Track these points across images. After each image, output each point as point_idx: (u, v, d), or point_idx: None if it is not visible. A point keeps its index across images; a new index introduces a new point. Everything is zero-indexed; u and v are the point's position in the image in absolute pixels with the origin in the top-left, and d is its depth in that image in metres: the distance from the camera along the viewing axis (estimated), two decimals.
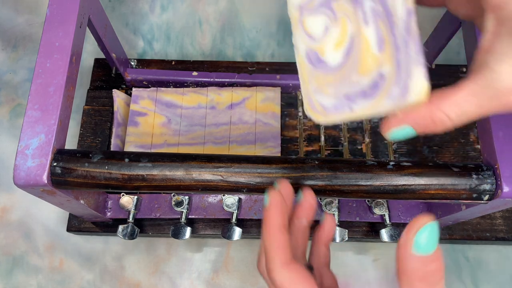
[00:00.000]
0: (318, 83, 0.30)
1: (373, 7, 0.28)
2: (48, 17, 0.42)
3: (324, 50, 0.30)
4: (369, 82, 0.29)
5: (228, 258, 0.59)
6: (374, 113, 0.29)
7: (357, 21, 0.28)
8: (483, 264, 0.58)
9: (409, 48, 0.27)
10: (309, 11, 0.29)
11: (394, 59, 0.28)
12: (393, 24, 0.27)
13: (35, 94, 0.40)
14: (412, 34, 0.27)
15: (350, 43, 0.29)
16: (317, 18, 0.29)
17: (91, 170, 0.39)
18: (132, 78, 0.60)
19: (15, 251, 0.59)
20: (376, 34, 0.28)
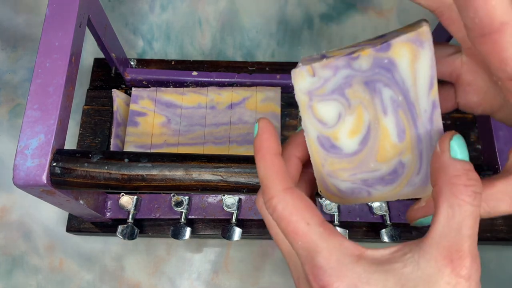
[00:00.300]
0: (333, 168, 0.28)
1: (393, 97, 0.25)
2: (48, 17, 0.42)
3: (338, 136, 0.27)
4: (388, 170, 0.27)
5: (228, 259, 0.59)
6: (392, 198, 0.28)
7: (374, 109, 0.26)
8: (483, 265, 0.58)
9: (432, 140, 0.26)
10: (319, 97, 0.26)
11: (416, 149, 0.26)
12: (415, 115, 0.25)
13: (34, 94, 0.40)
14: (436, 125, 0.26)
15: (366, 131, 0.27)
16: (329, 105, 0.26)
17: (91, 170, 0.39)
18: (131, 78, 0.60)
19: (15, 251, 0.59)
20: (396, 124, 0.26)
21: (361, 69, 0.25)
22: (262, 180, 0.26)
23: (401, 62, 0.25)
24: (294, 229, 0.24)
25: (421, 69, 0.24)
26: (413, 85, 0.25)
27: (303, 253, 0.24)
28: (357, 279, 0.23)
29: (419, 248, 0.23)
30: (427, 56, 0.24)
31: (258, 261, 0.58)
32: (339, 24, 0.70)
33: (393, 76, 0.25)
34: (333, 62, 0.25)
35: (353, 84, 0.26)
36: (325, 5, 0.72)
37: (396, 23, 0.70)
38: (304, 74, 0.26)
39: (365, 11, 0.71)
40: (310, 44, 0.69)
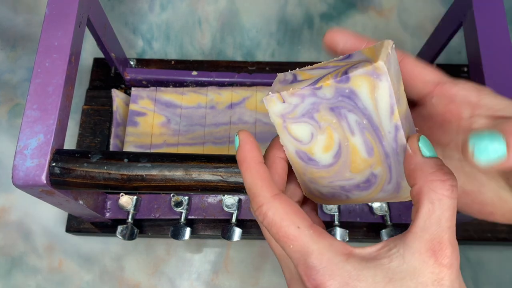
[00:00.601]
0: (313, 176, 0.30)
1: (358, 121, 0.27)
2: (47, 17, 0.42)
3: (313, 152, 0.29)
4: (362, 179, 0.29)
5: (228, 259, 0.59)
6: (369, 201, 0.31)
7: (342, 131, 0.28)
8: (484, 265, 0.58)
9: (399, 156, 0.28)
10: (292, 119, 0.28)
11: (384, 163, 0.28)
12: (381, 136, 0.27)
13: (34, 94, 0.40)
14: (401, 143, 0.27)
15: (338, 148, 0.29)
16: (302, 126, 0.28)
17: (90, 170, 0.38)
18: (131, 78, 0.60)
19: (14, 251, 0.59)
20: (364, 143, 0.28)
21: (326, 97, 0.27)
22: (249, 189, 0.27)
23: (361, 92, 0.26)
24: (285, 234, 0.26)
25: (380, 98, 0.26)
26: (375, 111, 0.26)
27: (295, 256, 0.25)
28: (348, 277, 0.24)
29: (403, 243, 0.25)
30: (385, 86, 0.26)
31: (258, 261, 0.58)
32: (339, 23, 0.70)
33: (355, 103, 0.27)
34: (300, 91, 0.27)
35: (320, 109, 0.27)
36: (326, 4, 0.72)
37: (396, 22, 0.70)
38: (275, 101, 0.28)
39: (366, 11, 0.71)
40: (310, 44, 0.69)
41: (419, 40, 0.68)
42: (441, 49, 0.54)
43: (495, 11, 0.44)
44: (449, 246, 0.24)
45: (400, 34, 0.70)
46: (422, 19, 0.71)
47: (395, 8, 0.71)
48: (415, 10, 0.71)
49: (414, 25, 0.70)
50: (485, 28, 0.44)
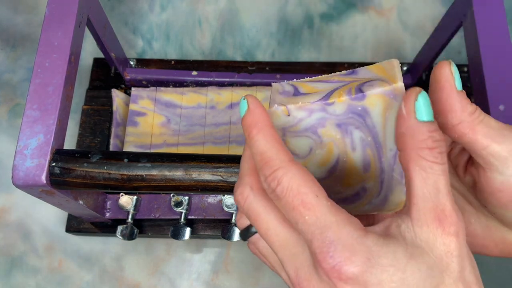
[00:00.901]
0: None
1: (362, 137, 0.27)
2: (47, 17, 0.42)
3: (308, 165, 0.28)
4: (351, 193, 0.29)
5: (228, 259, 0.59)
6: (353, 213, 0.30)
7: (344, 146, 0.27)
8: (484, 265, 0.58)
9: (394, 172, 0.28)
10: (293, 133, 0.27)
11: (378, 178, 0.28)
12: (382, 153, 0.27)
13: (34, 94, 0.40)
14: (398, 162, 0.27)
15: (335, 163, 0.28)
16: (302, 140, 0.28)
17: (90, 170, 0.38)
18: (131, 78, 0.60)
19: (14, 251, 0.59)
20: (363, 159, 0.28)
21: (335, 113, 0.26)
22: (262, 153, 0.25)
23: (374, 110, 0.26)
24: (302, 202, 0.23)
25: (391, 116, 0.26)
26: (382, 129, 0.26)
27: (310, 229, 0.23)
28: (369, 253, 0.23)
29: (409, 217, 0.24)
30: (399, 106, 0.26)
31: (258, 262, 0.58)
32: (339, 23, 0.70)
33: (365, 121, 0.26)
34: (309, 105, 0.26)
35: (326, 124, 0.27)
36: (326, 4, 0.72)
37: (396, 22, 0.70)
38: (280, 114, 0.27)
39: (366, 11, 0.71)
40: (310, 44, 0.69)
41: (419, 40, 0.68)
42: (441, 49, 0.54)
43: (495, 11, 0.44)
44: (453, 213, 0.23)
45: (400, 34, 0.70)
46: (422, 19, 0.71)
47: (395, 8, 0.71)
48: (415, 10, 0.71)
49: (414, 25, 0.70)
50: (485, 28, 0.44)
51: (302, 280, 0.24)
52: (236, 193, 0.26)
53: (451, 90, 0.25)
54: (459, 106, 0.25)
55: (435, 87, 0.26)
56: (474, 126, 0.25)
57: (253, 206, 0.26)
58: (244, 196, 0.26)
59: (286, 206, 0.24)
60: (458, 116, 0.25)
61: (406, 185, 0.25)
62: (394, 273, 0.22)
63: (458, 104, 0.25)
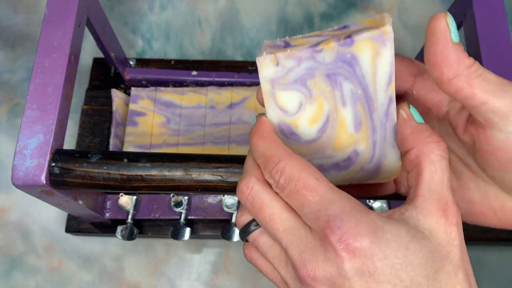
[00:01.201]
0: None
1: (352, 90, 0.27)
2: (47, 16, 0.42)
3: (298, 124, 0.28)
4: (343, 157, 0.29)
5: (228, 259, 0.59)
6: (345, 182, 0.30)
7: (334, 100, 0.27)
8: (484, 265, 0.58)
9: (386, 132, 0.28)
10: (282, 86, 0.27)
11: (370, 139, 0.28)
12: (373, 108, 0.27)
13: (33, 93, 0.40)
14: (391, 119, 0.27)
15: (325, 121, 0.28)
16: (291, 94, 0.27)
17: (90, 170, 0.38)
18: (131, 78, 0.60)
19: (14, 251, 0.58)
20: (354, 116, 0.27)
21: (324, 61, 0.26)
22: (264, 153, 0.26)
23: (363, 58, 0.25)
24: (304, 185, 0.25)
25: (381, 66, 0.26)
26: (373, 80, 0.26)
27: (314, 208, 0.24)
28: (374, 225, 0.23)
29: (414, 207, 0.25)
30: (388, 54, 0.25)
31: None
32: (339, 23, 0.70)
33: (354, 70, 0.26)
34: (297, 53, 0.26)
35: (316, 75, 0.27)
36: (326, 4, 0.72)
37: (396, 22, 0.70)
38: (268, 63, 0.27)
39: (366, 10, 0.71)
40: None
41: (419, 40, 0.68)
42: None
43: (495, 11, 0.44)
44: (455, 205, 0.25)
45: (400, 34, 0.70)
46: (422, 19, 0.70)
47: (395, 8, 0.71)
48: (415, 10, 0.71)
49: (414, 25, 0.70)
50: (485, 28, 0.44)
51: (307, 262, 0.24)
52: (241, 185, 0.27)
53: (446, 42, 0.25)
54: (455, 58, 0.25)
55: (430, 40, 0.25)
56: (471, 80, 0.25)
57: (258, 195, 0.27)
58: (249, 186, 0.27)
59: (291, 193, 0.25)
60: (454, 69, 0.25)
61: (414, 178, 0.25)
62: (398, 248, 0.23)
63: (454, 57, 0.25)
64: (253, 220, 0.28)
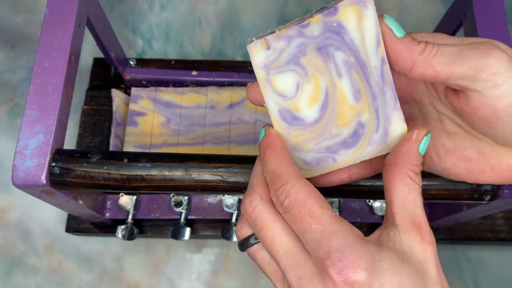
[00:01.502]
0: (296, 140, 0.29)
1: (345, 59, 0.27)
2: (47, 16, 0.42)
3: (298, 107, 0.28)
4: (349, 132, 0.29)
5: (228, 259, 0.59)
6: (356, 161, 0.30)
7: (329, 74, 0.27)
8: (484, 265, 0.58)
9: (385, 95, 0.28)
10: (276, 69, 0.27)
11: (372, 107, 0.28)
12: (368, 73, 0.27)
13: (33, 93, 0.40)
14: (387, 81, 0.27)
15: (325, 97, 0.28)
16: (287, 76, 0.28)
17: (90, 170, 0.38)
18: (131, 78, 0.60)
19: (14, 251, 0.58)
20: (351, 85, 0.28)
21: (313, 35, 0.27)
22: (273, 170, 0.27)
23: (348, 24, 0.26)
24: (309, 212, 0.25)
25: (367, 28, 0.26)
26: (362, 45, 0.27)
27: (316, 237, 0.25)
28: (372, 257, 0.24)
29: (394, 225, 0.26)
30: (371, 15, 0.26)
31: None
32: None
33: (343, 38, 0.27)
34: (286, 32, 0.27)
35: (307, 51, 0.27)
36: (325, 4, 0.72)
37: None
38: (259, 48, 0.27)
39: None
40: None
41: None
42: None
43: (495, 11, 0.44)
44: (428, 225, 0.26)
45: None
46: (422, 19, 0.70)
47: (395, 8, 0.71)
48: (415, 10, 0.71)
49: (414, 25, 0.70)
50: (485, 28, 0.44)
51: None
52: (245, 202, 0.28)
53: (391, 40, 0.27)
54: (405, 51, 0.26)
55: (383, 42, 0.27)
56: (429, 61, 0.26)
57: (260, 215, 0.27)
58: (253, 205, 0.27)
59: (294, 217, 0.25)
60: (408, 60, 0.27)
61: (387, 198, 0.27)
62: (393, 275, 0.24)
63: (404, 50, 0.26)
64: (253, 234, 0.29)
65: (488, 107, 0.26)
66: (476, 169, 0.30)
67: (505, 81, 0.26)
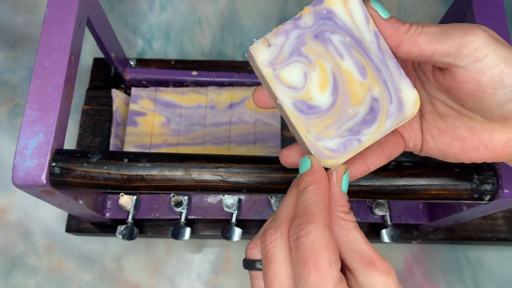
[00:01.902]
0: (317, 130, 0.30)
1: (342, 40, 0.29)
2: (47, 17, 0.42)
3: (311, 95, 0.29)
4: (366, 109, 0.30)
5: (228, 259, 0.59)
6: (381, 135, 0.30)
7: (332, 57, 0.29)
8: (484, 265, 0.58)
9: (388, 66, 0.29)
10: (281, 64, 0.29)
11: (379, 80, 0.29)
12: (366, 49, 0.29)
13: (33, 93, 0.40)
14: (386, 52, 0.29)
15: (333, 80, 0.29)
16: (293, 68, 0.29)
17: (90, 170, 0.38)
18: (131, 78, 0.60)
19: (14, 251, 0.59)
20: (355, 63, 0.29)
21: (307, 25, 0.29)
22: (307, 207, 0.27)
23: (336, 8, 0.29)
24: (315, 262, 0.25)
25: (353, 9, 0.29)
26: (354, 24, 0.29)
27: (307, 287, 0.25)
28: None
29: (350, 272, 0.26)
30: None
31: None
32: None
33: (335, 22, 0.29)
34: (282, 27, 0.29)
35: (306, 41, 0.29)
36: None
37: None
38: (261, 47, 0.29)
39: None
40: None
41: None
42: None
43: (495, 11, 0.44)
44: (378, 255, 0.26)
45: None
46: (422, 19, 0.70)
47: (395, 8, 0.71)
48: (415, 10, 0.71)
49: None
50: None
51: None
52: (267, 232, 0.28)
53: (378, 21, 0.29)
54: (391, 30, 0.29)
55: None
56: (414, 39, 0.28)
57: (274, 250, 0.27)
58: (272, 239, 0.28)
59: (299, 259, 0.26)
60: (394, 37, 0.29)
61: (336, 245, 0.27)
62: None
63: (389, 29, 0.29)
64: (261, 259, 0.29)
65: (472, 81, 0.28)
66: (469, 147, 0.31)
67: (486, 56, 0.27)
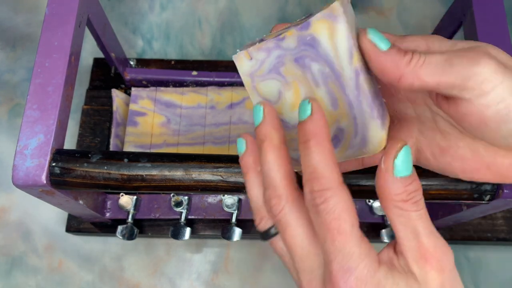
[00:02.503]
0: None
1: (321, 70, 0.28)
2: (47, 17, 0.42)
3: (282, 111, 0.30)
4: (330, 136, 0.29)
5: (228, 259, 0.59)
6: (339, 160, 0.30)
7: (308, 83, 0.29)
8: (484, 265, 0.58)
9: (362, 104, 0.28)
10: (260, 77, 0.30)
11: (349, 114, 0.29)
12: (343, 84, 0.28)
13: (34, 93, 0.40)
14: (363, 91, 0.28)
15: None
16: (270, 84, 0.29)
17: (90, 170, 0.38)
18: (131, 78, 0.60)
19: (14, 251, 0.59)
20: (329, 94, 0.29)
21: (290, 48, 0.28)
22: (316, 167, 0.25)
23: (321, 38, 0.27)
24: (338, 226, 0.25)
25: (339, 42, 0.27)
26: (336, 57, 0.27)
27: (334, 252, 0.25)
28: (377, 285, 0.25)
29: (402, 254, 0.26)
30: (342, 28, 0.27)
31: (258, 262, 0.58)
32: None
33: (317, 50, 0.28)
34: (265, 45, 0.29)
35: (286, 62, 0.29)
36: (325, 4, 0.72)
37: (396, 22, 0.70)
38: (243, 59, 0.30)
39: (366, 11, 0.71)
40: None
41: None
42: None
43: (495, 11, 0.44)
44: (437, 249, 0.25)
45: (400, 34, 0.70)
46: (422, 19, 0.71)
47: (395, 8, 0.71)
48: (415, 10, 0.71)
49: (414, 25, 0.70)
50: (485, 28, 0.44)
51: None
52: (271, 203, 0.27)
53: (376, 55, 0.26)
54: (391, 64, 0.26)
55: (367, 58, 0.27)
56: (416, 72, 0.26)
57: (285, 219, 0.27)
58: (279, 208, 0.27)
59: (322, 224, 0.25)
60: (395, 72, 0.26)
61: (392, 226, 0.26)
62: None
63: (390, 63, 0.26)
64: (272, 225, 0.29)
65: (476, 114, 0.26)
66: (471, 168, 0.30)
67: (492, 90, 0.25)
